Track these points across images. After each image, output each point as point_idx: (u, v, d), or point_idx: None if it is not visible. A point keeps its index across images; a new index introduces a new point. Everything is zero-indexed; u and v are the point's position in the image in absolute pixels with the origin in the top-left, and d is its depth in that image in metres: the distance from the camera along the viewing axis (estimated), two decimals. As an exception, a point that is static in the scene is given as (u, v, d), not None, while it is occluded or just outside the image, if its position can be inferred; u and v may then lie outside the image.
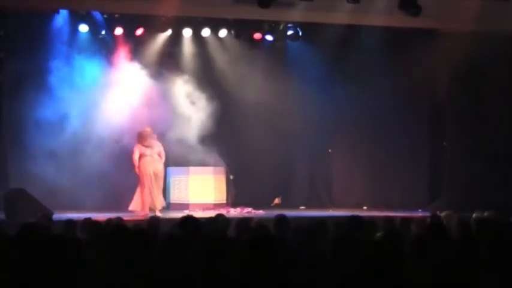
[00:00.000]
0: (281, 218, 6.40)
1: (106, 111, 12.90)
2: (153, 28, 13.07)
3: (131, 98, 13.20)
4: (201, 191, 12.85)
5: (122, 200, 12.53)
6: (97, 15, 12.77)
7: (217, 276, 3.80)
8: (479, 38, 12.43)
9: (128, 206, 11.82)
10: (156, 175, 11.82)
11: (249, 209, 12.50)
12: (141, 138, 11.88)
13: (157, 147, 12.01)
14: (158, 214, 11.05)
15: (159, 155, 11.96)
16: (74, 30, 12.90)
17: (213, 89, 13.58)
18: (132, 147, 11.98)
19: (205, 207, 12.51)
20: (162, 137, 12.85)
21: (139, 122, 13.19)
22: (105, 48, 13.26)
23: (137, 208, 11.73)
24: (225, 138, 13.55)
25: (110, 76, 13.28)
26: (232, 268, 3.81)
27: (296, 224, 5.80)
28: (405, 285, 3.91)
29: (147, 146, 11.86)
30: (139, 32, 13.05)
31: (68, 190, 12.31)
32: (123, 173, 12.91)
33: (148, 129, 11.99)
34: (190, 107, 13.44)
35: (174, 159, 13.16)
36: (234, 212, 12.34)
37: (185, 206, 12.55)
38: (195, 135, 13.24)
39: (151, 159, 11.84)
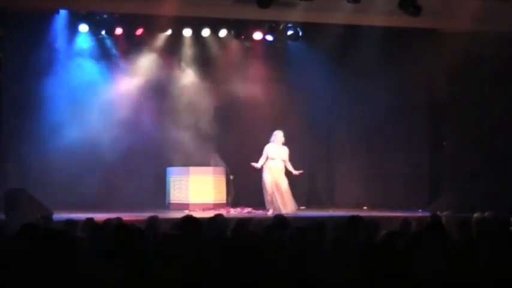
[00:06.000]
0: (280, 218, 6.40)
1: (106, 111, 12.91)
2: (153, 28, 13.07)
3: (131, 97, 13.23)
4: (201, 191, 12.83)
5: (122, 199, 12.54)
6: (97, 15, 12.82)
7: (217, 276, 3.80)
8: (479, 38, 12.44)
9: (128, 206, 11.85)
10: (276, 184, 11.82)
11: (249, 209, 12.49)
12: (272, 139, 11.92)
13: (283, 152, 11.94)
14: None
15: (284, 160, 11.92)
16: (74, 30, 12.91)
17: (212, 89, 13.61)
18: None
19: (205, 207, 12.50)
20: (167, 137, 12.99)
21: (139, 121, 13.23)
22: (105, 48, 13.27)
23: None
24: (225, 138, 13.56)
25: (110, 76, 13.30)
26: (231, 268, 3.81)
27: (296, 224, 5.80)
28: (405, 285, 3.90)
29: (274, 150, 11.89)
30: (139, 32, 13.07)
31: (69, 190, 12.31)
32: (123, 172, 12.94)
33: (277, 133, 11.96)
34: (190, 107, 13.45)
35: (174, 159, 13.16)
36: (234, 212, 12.33)
37: (185, 206, 12.54)
38: (195, 135, 13.25)
39: (273, 165, 11.85)
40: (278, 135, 11.97)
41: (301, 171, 12.08)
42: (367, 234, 5.65)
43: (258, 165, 11.84)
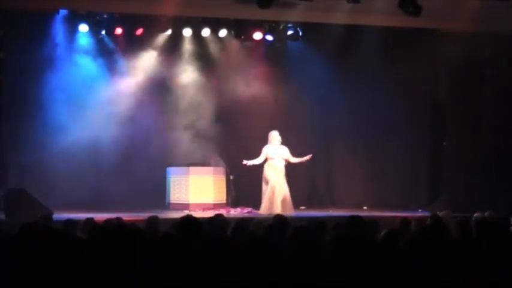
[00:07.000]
0: (280, 219, 6.39)
1: (106, 111, 12.91)
2: (153, 28, 13.07)
3: (131, 97, 13.22)
4: (201, 191, 12.82)
5: (122, 199, 12.53)
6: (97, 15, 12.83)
7: (217, 276, 3.79)
8: (479, 38, 12.44)
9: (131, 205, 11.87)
10: (274, 186, 11.89)
11: (249, 209, 12.49)
12: (269, 140, 12.02)
13: (282, 152, 12.02)
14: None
15: (286, 158, 12.03)
16: (74, 30, 12.92)
17: (213, 89, 13.61)
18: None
19: (205, 207, 12.50)
20: (169, 137, 13.02)
21: (139, 121, 13.23)
22: (105, 48, 13.27)
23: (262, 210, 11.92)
24: (225, 138, 13.55)
25: (110, 76, 13.29)
26: (231, 268, 3.81)
27: (296, 224, 5.79)
28: (405, 284, 3.90)
29: (272, 150, 11.99)
30: (140, 32, 13.07)
31: (69, 190, 12.30)
32: (123, 172, 12.93)
33: (273, 133, 12.07)
34: (190, 107, 13.45)
35: (174, 159, 13.16)
36: (233, 212, 12.32)
37: (185, 206, 12.53)
38: (195, 135, 13.25)
39: (274, 164, 11.93)
40: (273, 135, 12.03)
41: (310, 156, 12.12)
42: (367, 234, 5.64)
43: (250, 162, 11.90)
